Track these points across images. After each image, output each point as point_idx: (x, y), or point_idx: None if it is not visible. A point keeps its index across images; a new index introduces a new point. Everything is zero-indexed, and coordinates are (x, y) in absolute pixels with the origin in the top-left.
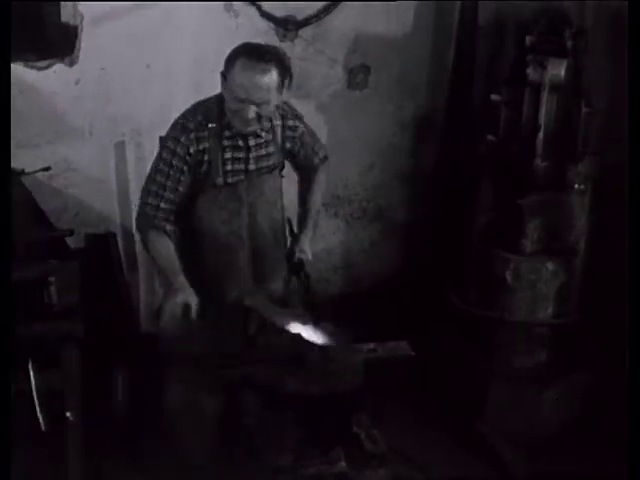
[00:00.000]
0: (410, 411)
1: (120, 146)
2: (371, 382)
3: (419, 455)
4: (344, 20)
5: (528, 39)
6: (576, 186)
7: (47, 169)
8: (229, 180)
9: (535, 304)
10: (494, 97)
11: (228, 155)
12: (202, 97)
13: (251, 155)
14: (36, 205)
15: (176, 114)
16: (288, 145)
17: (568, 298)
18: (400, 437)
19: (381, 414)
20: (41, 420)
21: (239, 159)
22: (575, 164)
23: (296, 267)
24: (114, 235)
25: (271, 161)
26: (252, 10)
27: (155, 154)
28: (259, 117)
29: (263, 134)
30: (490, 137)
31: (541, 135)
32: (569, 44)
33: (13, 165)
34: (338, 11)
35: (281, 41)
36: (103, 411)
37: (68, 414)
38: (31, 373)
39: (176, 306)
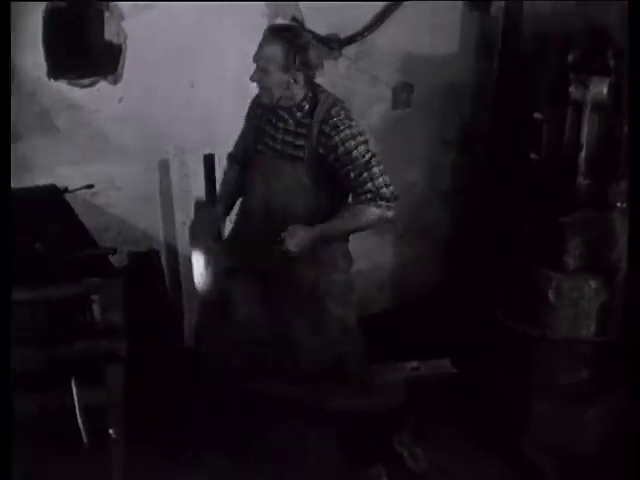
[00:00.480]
0: (452, 428)
1: (164, 164)
2: (413, 399)
3: (461, 473)
4: (387, 38)
5: (570, 57)
6: (618, 204)
7: (90, 187)
8: (259, 149)
9: (577, 322)
10: (537, 115)
11: (266, 128)
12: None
13: (278, 136)
14: (79, 223)
15: (219, 132)
16: (321, 151)
17: (610, 316)
18: (442, 454)
19: (423, 431)
20: (84, 436)
21: (270, 135)
22: (617, 182)
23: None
24: (157, 253)
25: (296, 152)
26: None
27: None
28: (270, 94)
29: (291, 122)
30: (532, 155)
31: (583, 153)
32: (611, 63)
33: (57, 183)
34: (382, 29)
35: (325, 59)
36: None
37: (111, 431)
38: (74, 390)
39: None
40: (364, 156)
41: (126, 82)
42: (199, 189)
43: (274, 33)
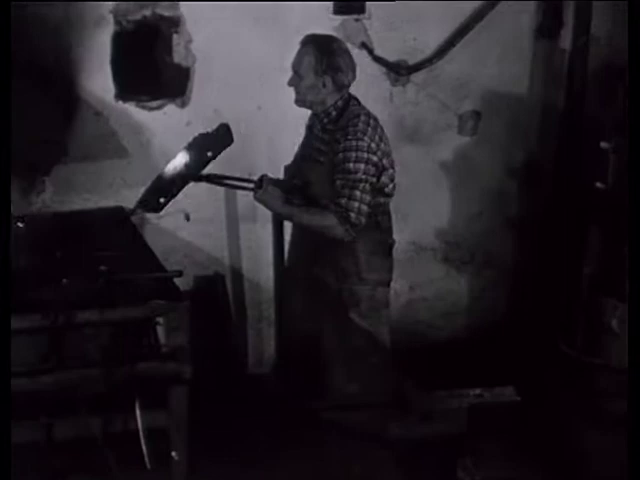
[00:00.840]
0: (514, 456)
1: None
2: (477, 427)
3: None
4: (455, 65)
5: None
6: None
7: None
8: (303, 155)
9: None
10: (603, 145)
11: (307, 134)
12: None
13: (311, 141)
14: (146, 245)
15: (286, 156)
16: (331, 155)
17: None
18: None
19: (486, 459)
20: (146, 458)
21: (307, 141)
22: None
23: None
24: (223, 277)
25: (319, 157)
26: (364, 54)
27: None
28: (303, 98)
29: (318, 127)
30: (599, 184)
31: None
32: None
33: (123, 205)
34: (450, 56)
35: (392, 85)
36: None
37: (173, 453)
38: (137, 412)
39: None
40: (356, 173)
41: (194, 105)
42: (265, 213)
43: (309, 39)
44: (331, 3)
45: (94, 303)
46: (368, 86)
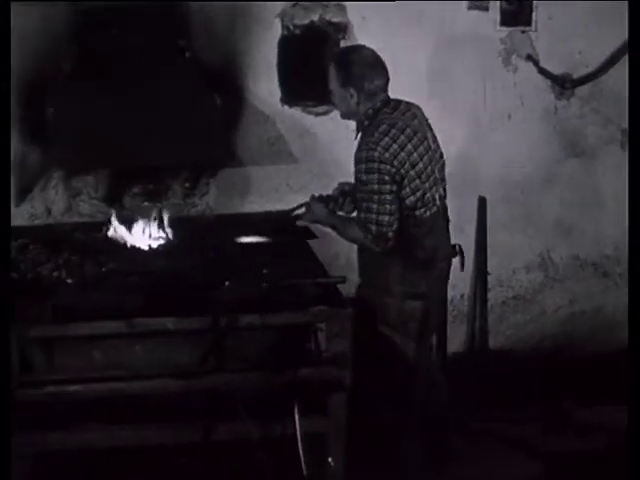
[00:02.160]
0: None
1: None
2: None
3: None
4: (620, 80)
5: None
6: None
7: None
8: None
9: None
10: None
11: None
12: (475, 152)
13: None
14: (310, 251)
15: (451, 166)
16: None
17: None
18: None
19: None
20: (303, 463)
21: None
22: None
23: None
24: None
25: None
26: (530, 66)
27: None
28: (341, 111)
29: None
30: None
31: None
32: None
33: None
34: (614, 70)
35: (557, 98)
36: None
37: (330, 459)
38: (296, 417)
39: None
40: (368, 184)
41: None
42: None
43: (334, 54)
44: (498, 14)
45: (256, 307)
46: (533, 98)
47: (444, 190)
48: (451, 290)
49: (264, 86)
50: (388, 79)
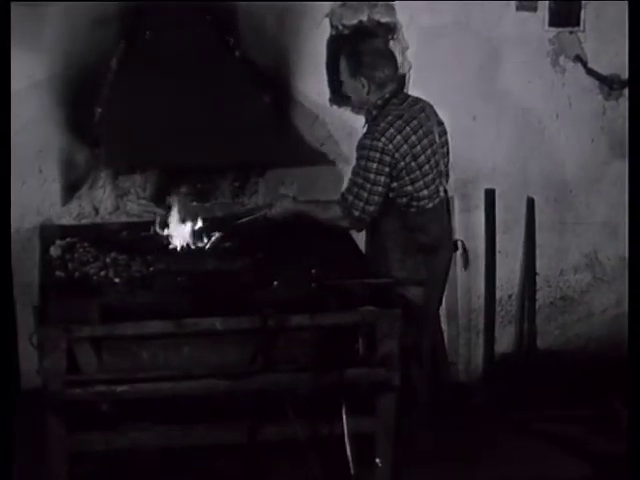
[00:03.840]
0: None
1: None
2: None
3: None
4: None
5: None
6: None
7: None
8: None
9: None
10: None
11: None
12: (524, 153)
13: None
14: (358, 251)
15: (500, 167)
16: None
17: None
18: None
19: None
20: (350, 464)
21: None
22: None
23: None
24: None
25: None
26: (578, 67)
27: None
28: (353, 101)
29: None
30: None
31: None
32: None
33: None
34: None
35: (605, 99)
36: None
37: (377, 460)
38: (344, 417)
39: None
40: (366, 171)
41: None
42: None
43: (344, 44)
44: (547, 14)
45: (305, 307)
46: (581, 99)
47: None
48: (499, 291)
49: (313, 86)
50: (397, 69)
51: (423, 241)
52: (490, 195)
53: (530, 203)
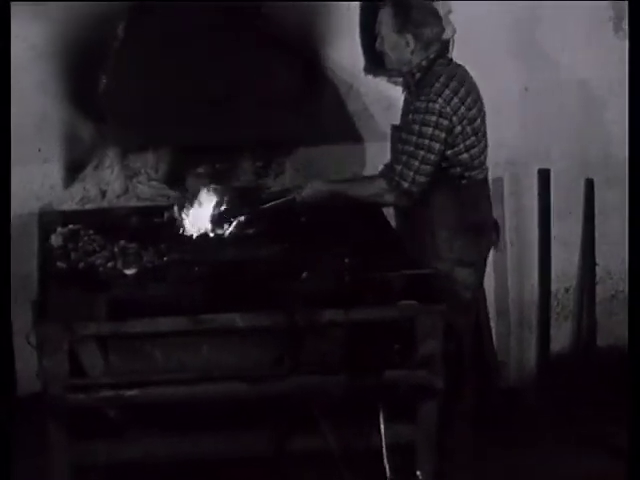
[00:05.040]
0: None
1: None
2: None
3: None
4: None
5: None
6: None
7: None
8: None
9: None
10: None
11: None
12: (582, 129)
13: (404, 106)
14: (397, 239)
15: (556, 144)
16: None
17: None
18: None
19: None
20: (388, 473)
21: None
22: None
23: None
24: None
25: (403, 118)
26: None
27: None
28: (391, 60)
29: (407, 92)
30: None
31: None
32: None
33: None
34: None
35: None
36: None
37: (418, 473)
38: (381, 424)
39: None
40: (421, 137)
41: None
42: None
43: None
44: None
45: (337, 301)
46: None
47: None
48: (554, 283)
49: (346, 54)
50: (444, 29)
51: (473, 218)
52: (544, 176)
53: (589, 185)
